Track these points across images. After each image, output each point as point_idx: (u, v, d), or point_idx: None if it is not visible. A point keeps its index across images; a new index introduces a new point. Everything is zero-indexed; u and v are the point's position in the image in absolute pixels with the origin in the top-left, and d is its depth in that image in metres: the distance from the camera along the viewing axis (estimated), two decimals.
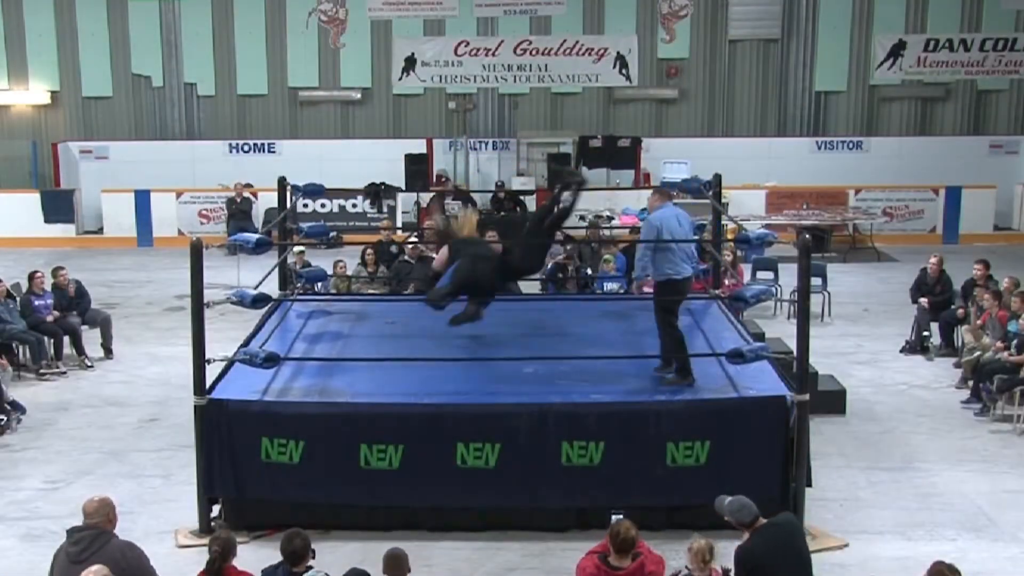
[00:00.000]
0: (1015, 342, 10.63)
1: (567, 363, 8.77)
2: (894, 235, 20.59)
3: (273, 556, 6.05)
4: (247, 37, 22.69)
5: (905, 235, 20.68)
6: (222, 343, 9.19)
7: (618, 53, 22.07)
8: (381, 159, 20.73)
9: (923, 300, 12.91)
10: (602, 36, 22.37)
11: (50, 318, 12.37)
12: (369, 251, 13.62)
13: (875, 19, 22.40)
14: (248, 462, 7.77)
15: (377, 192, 20.24)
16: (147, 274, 18.11)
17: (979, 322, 11.68)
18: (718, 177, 11.18)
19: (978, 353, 11.23)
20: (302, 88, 22.91)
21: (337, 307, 11.10)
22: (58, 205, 20.73)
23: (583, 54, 22.13)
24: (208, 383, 7.93)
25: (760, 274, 14.97)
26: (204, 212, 20.89)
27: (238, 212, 19.50)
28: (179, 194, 21.01)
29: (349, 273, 13.57)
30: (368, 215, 20.67)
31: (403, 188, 19.69)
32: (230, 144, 22.23)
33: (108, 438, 10.14)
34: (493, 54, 22.16)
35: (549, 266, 13.52)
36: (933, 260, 13.12)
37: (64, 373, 12.22)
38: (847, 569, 7.35)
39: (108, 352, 12.96)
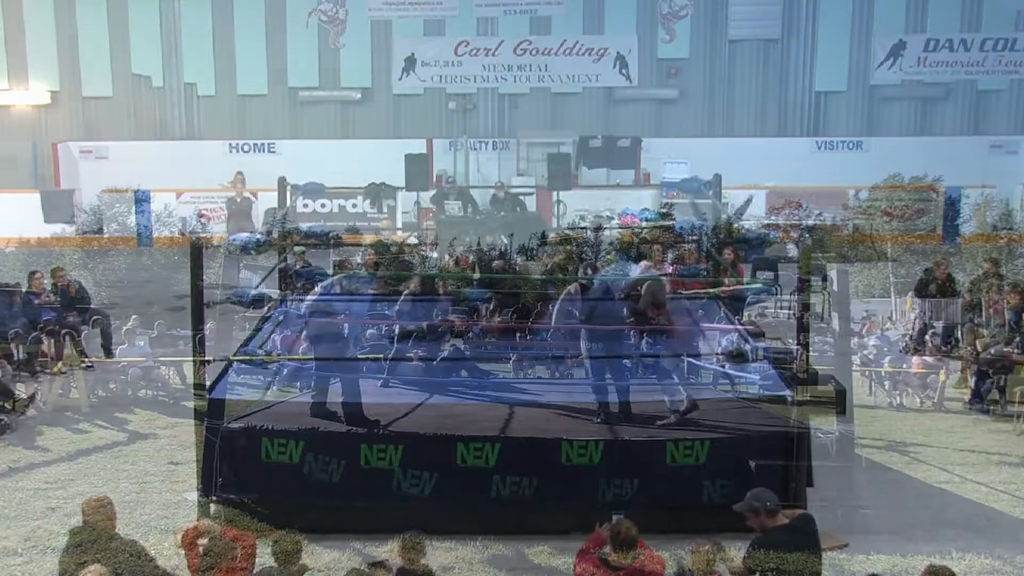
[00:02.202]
0: (1016, 341, 10.63)
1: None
2: (894, 235, 20.56)
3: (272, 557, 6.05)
4: (247, 37, 22.68)
5: (905, 235, 20.65)
6: (222, 343, 9.18)
7: (618, 53, 22.07)
8: (381, 159, 20.73)
9: (932, 287, 12.91)
10: (602, 36, 22.36)
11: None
12: (369, 251, 13.59)
13: (875, 19, 22.40)
14: (248, 462, 7.78)
15: (377, 192, 20.23)
16: (147, 274, 18.10)
17: (991, 311, 11.68)
18: (718, 177, 11.19)
19: (981, 347, 11.26)
20: (302, 88, 22.90)
21: (337, 307, 11.06)
22: (58, 205, 20.73)
23: (583, 54, 22.13)
24: (208, 383, 7.93)
25: (760, 274, 14.92)
26: (204, 212, 20.88)
27: (238, 212, 19.49)
28: (179, 194, 21.01)
29: (351, 271, 13.55)
30: (368, 215, 20.65)
31: (403, 188, 19.66)
32: (230, 144, 22.22)
33: (108, 438, 10.13)
34: (493, 54, 22.15)
35: (549, 266, 13.48)
36: (941, 266, 13.05)
37: (64, 373, 12.23)
38: (847, 569, 7.34)
39: (108, 352, 12.96)
